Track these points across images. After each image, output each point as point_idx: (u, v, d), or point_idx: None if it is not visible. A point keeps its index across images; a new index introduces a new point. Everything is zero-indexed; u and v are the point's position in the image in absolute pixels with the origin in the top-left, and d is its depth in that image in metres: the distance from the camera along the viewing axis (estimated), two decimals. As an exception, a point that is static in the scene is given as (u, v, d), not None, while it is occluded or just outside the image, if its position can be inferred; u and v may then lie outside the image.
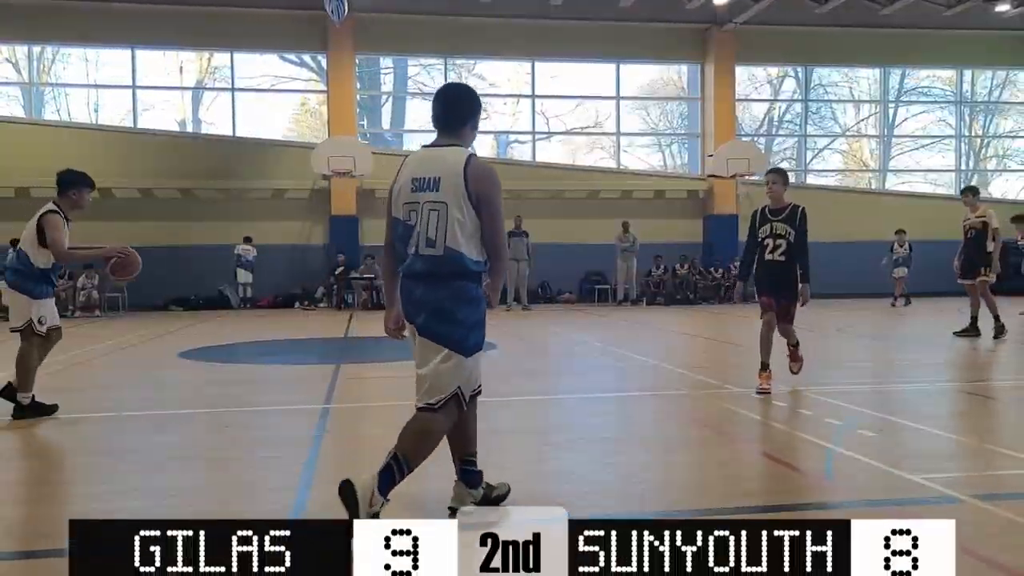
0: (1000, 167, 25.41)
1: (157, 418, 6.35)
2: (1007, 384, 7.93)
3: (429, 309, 3.43)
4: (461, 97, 3.73)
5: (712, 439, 5.50)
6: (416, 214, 3.46)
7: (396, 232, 3.57)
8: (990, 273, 10.98)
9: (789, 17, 22.01)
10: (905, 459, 4.76)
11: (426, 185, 3.45)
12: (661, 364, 9.20)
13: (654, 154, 24.94)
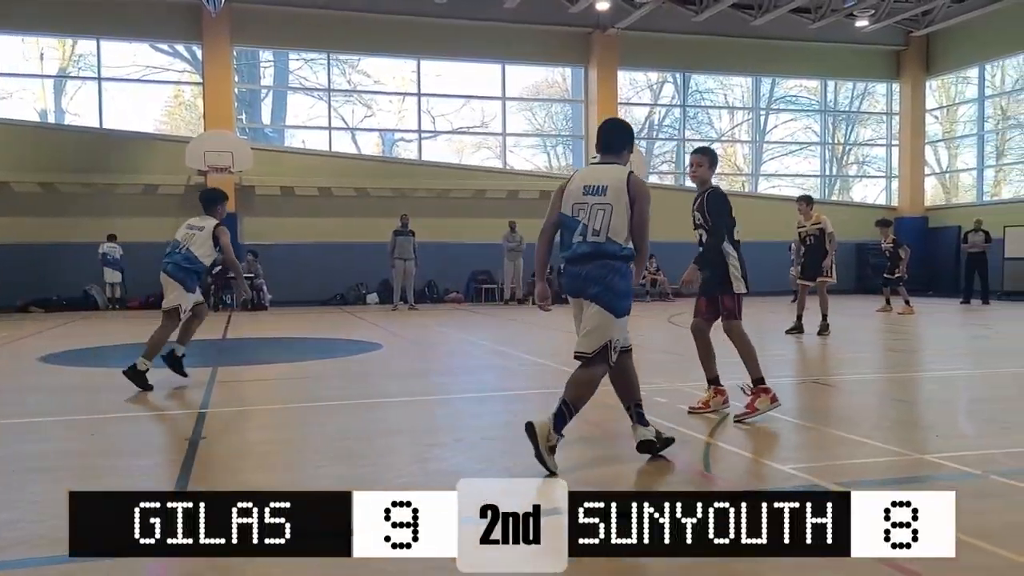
0: (860, 173, 27.04)
1: (16, 427, 5.93)
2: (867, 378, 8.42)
3: (597, 282, 4.40)
4: (622, 129, 4.78)
5: (596, 436, 5.59)
6: (584, 211, 4.45)
7: (562, 223, 4.58)
8: (830, 275, 11.73)
9: (668, 24, 22.73)
10: (776, 450, 4.98)
11: (595, 191, 4.45)
12: (548, 362, 9.29)
13: (540, 155, 25.26)
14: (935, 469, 4.47)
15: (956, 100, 25.69)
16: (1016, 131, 24.05)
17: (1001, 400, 6.90)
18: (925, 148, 25.74)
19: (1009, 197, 23.67)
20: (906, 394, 7.35)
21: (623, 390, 4.80)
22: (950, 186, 26.08)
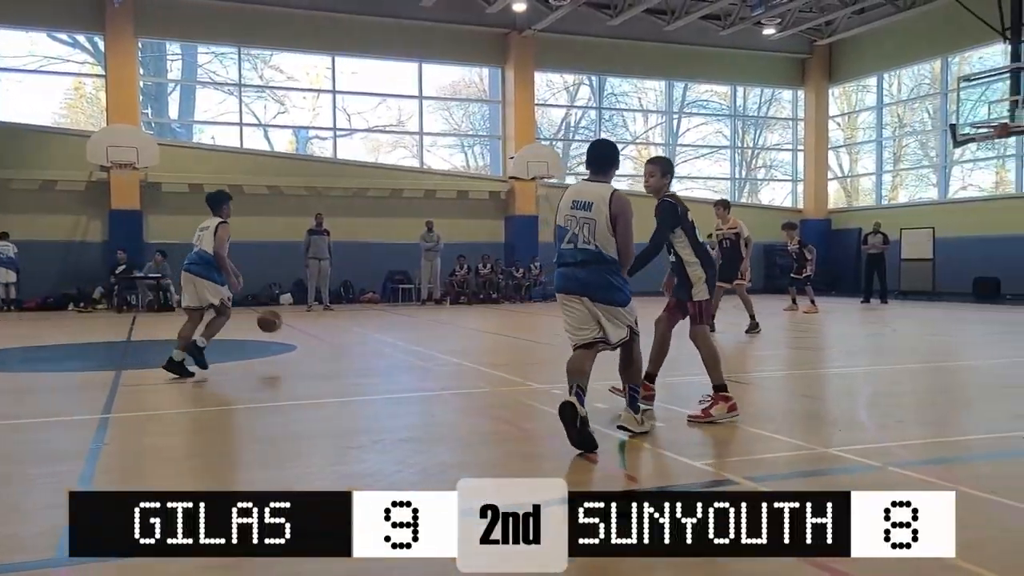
0: (768, 176, 27.94)
1: None
2: (776, 375, 8.70)
3: (597, 287, 5.01)
4: (606, 150, 5.24)
5: (513, 435, 5.60)
6: (573, 223, 5.03)
7: (559, 232, 5.12)
8: (745, 277, 12.13)
9: (584, 27, 22.99)
10: (690, 446, 5.08)
11: (582, 206, 5.01)
12: (464, 363, 9.27)
13: (457, 154, 25.20)
14: (838, 462, 4.63)
15: (856, 107, 26.81)
16: (911, 138, 25.25)
17: (898, 395, 7.22)
18: (828, 153, 26.78)
19: (905, 201, 24.84)
20: (812, 390, 7.61)
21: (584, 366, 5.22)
22: (851, 190, 27.20)
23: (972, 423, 5.97)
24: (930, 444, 5.19)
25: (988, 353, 10.25)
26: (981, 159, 22.96)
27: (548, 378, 8.05)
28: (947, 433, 5.67)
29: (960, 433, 5.65)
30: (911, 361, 9.68)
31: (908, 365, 9.28)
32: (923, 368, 9.13)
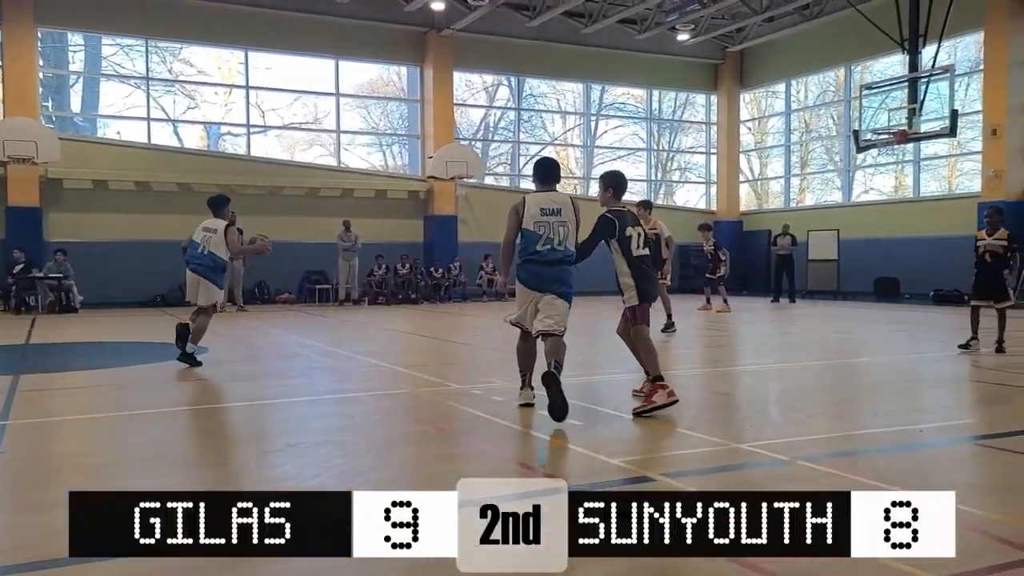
0: (683, 179, 28.57)
1: None
2: (691, 373, 8.89)
3: (561, 283, 5.90)
4: (556, 166, 6.23)
5: (433, 436, 5.57)
6: (546, 227, 5.85)
7: (525, 236, 5.89)
8: (666, 277, 12.38)
9: (502, 28, 23.06)
10: (607, 444, 5.14)
11: (552, 212, 5.87)
12: (382, 364, 9.18)
13: (375, 153, 24.93)
14: (749, 457, 4.76)
15: (766, 113, 27.67)
16: (817, 143, 26.22)
17: (805, 391, 7.48)
18: (740, 156, 27.58)
19: (812, 203, 25.77)
20: (725, 387, 7.81)
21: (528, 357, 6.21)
22: (761, 192, 28.06)
23: (874, 417, 6.22)
24: (836, 438, 5.39)
25: (888, 350, 10.71)
26: (882, 164, 24.01)
27: (466, 378, 8.03)
28: (851, 427, 5.89)
29: (863, 427, 5.88)
30: (818, 358, 10.04)
31: (815, 362, 9.61)
32: (829, 365, 9.48)
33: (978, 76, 20.12)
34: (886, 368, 9.03)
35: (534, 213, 5.86)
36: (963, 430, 5.65)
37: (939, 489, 4.08)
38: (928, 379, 8.21)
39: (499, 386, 7.23)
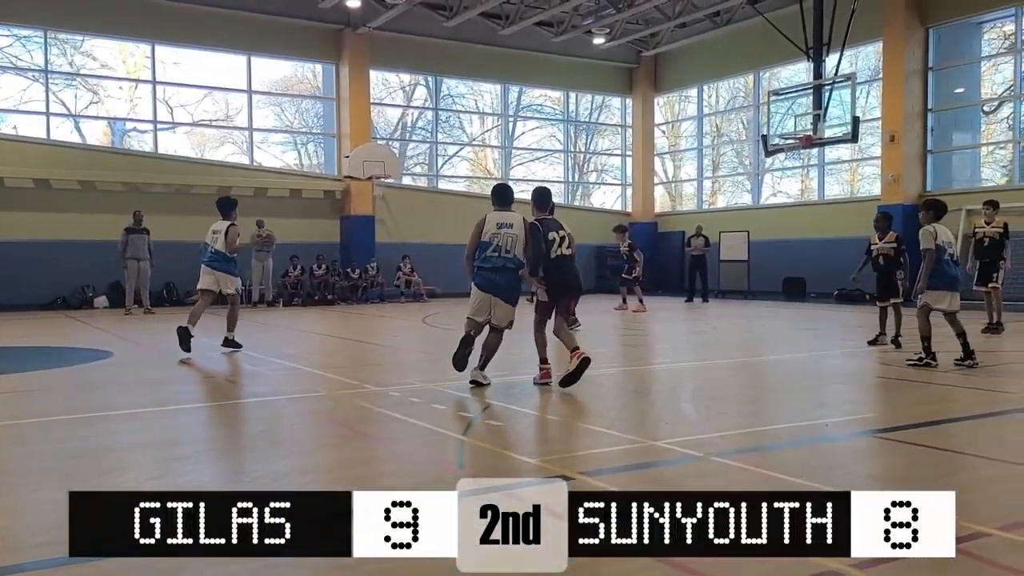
0: (599, 180, 28.98)
1: None
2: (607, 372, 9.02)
3: (506, 289, 7.18)
4: (510, 192, 7.50)
5: (350, 438, 5.49)
6: (498, 238, 7.10)
7: (481, 247, 7.16)
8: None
9: (419, 27, 22.94)
10: (526, 444, 5.16)
11: (506, 226, 7.14)
12: (298, 366, 9.00)
13: (290, 152, 24.45)
14: (665, 454, 4.86)
15: (679, 116, 28.31)
16: (728, 147, 26.97)
17: (717, 388, 7.68)
18: (655, 159, 28.14)
19: (723, 205, 26.49)
20: (640, 385, 7.95)
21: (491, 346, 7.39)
22: (675, 195, 28.70)
23: (782, 413, 6.43)
24: (746, 434, 5.55)
25: (795, 348, 11.09)
26: (789, 168, 24.87)
27: (384, 380, 7.96)
28: (761, 423, 6.08)
29: (772, 423, 6.07)
30: (729, 356, 10.32)
31: (726, 360, 9.88)
32: (739, 363, 9.76)
33: (878, 84, 21.05)
34: (792, 365, 9.35)
35: (491, 227, 7.18)
36: (863, 424, 5.90)
37: (840, 479, 4.26)
38: (831, 375, 8.53)
39: (417, 388, 7.19)
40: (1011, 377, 8.21)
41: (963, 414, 6.24)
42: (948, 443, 5.17)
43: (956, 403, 6.82)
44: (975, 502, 3.86)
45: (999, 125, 20.47)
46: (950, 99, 20.30)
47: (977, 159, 20.65)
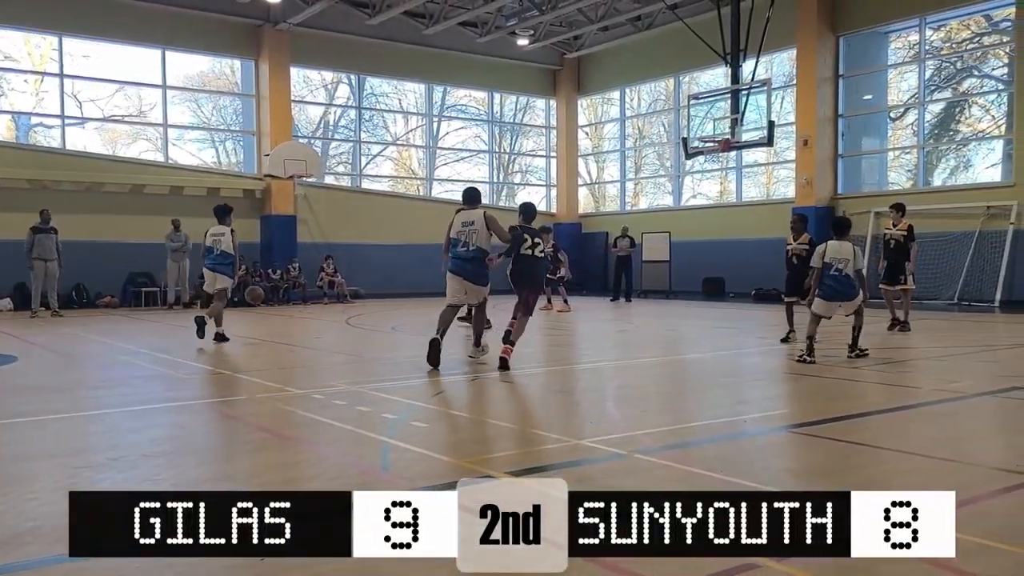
0: (524, 181, 29.10)
1: None
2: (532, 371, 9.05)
3: (474, 273, 8.59)
4: (477, 193, 9.09)
5: (271, 443, 5.37)
6: (464, 234, 8.59)
7: (452, 241, 8.70)
8: None
9: (341, 25, 22.64)
10: (452, 445, 5.14)
11: (469, 224, 8.59)
12: (217, 369, 8.76)
13: (207, 149, 23.80)
14: (590, 453, 4.90)
15: (602, 118, 28.68)
16: (650, 149, 27.44)
17: (640, 386, 7.79)
18: (578, 160, 28.42)
19: (645, 207, 26.95)
20: (565, 385, 8.00)
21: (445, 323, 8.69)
22: (599, 196, 29.05)
23: (703, 410, 6.57)
24: (669, 431, 5.64)
25: (715, 346, 11.35)
26: (708, 170, 25.45)
27: (308, 383, 7.81)
28: (683, 420, 6.19)
29: (694, 420, 6.19)
30: (652, 355, 10.49)
31: (649, 359, 10.04)
32: (662, 361, 9.93)
33: (792, 90, 21.73)
34: (712, 363, 9.56)
35: (457, 225, 8.73)
36: (781, 420, 6.07)
37: (759, 474, 4.37)
38: (750, 372, 8.76)
39: (341, 390, 7.08)
40: (918, 373, 8.57)
41: (874, 409, 6.49)
42: (860, 437, 5.36)
43: (867, 398, 7.08)
44: (886, 493, 4.00)
45: (905, 131, 21.39)
46: (859, 105, 21.12)
47: (884, 163, 21.53)
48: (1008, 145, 18.56)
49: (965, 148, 20.55)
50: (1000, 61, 19.47)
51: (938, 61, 20.34)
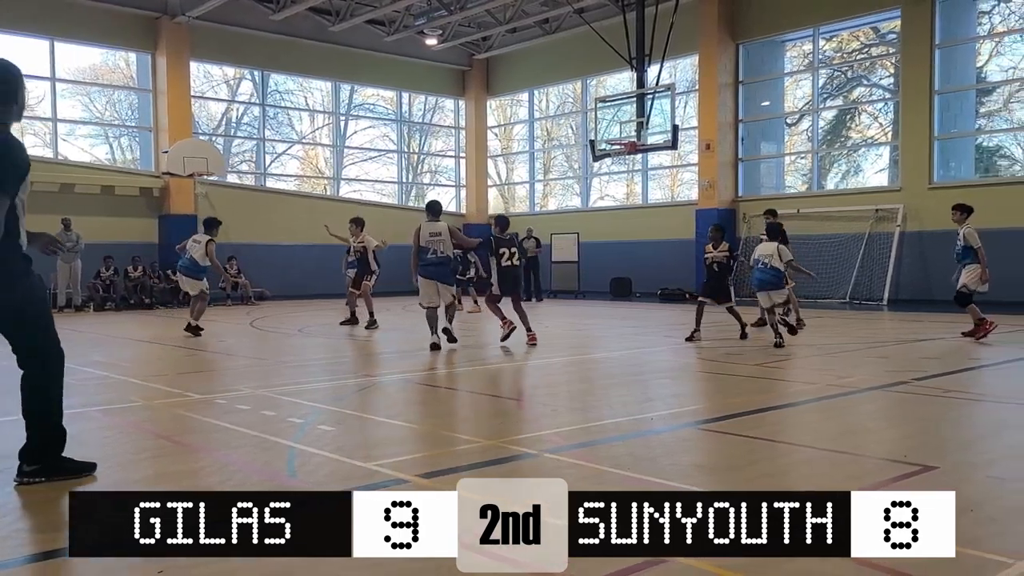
0: (433, 182, 28.97)
1: None
2: (443, 372, 9.01)
3: (444, 276, 10.29)
4: (439, 205, 10.59)
5: (170, 450, 5.16)
6: (433, 243, 10.06)
7: (421, 249, 10.08)
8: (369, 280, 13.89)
9: (244, 19, 22.05)
10: (361, 448, 5.05)
11: (436, 235, 10.12)
12: (112, 375, 8.38)
13: (100, 146, 22.78)
14: (501, 453, 4.89)
15: (511, 120, 28.82)
16: (558, 151, 27.72)
17: (551, 386, 7.84)
18: (488, 161, 28.47)
19: (554, 208, 27.21)
20: (476, 386, 7.99)
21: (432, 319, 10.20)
22: (508, 196, 29.18)
23: (611, 408, 6.66)
24: (578, 430, 5.69)
25: (622, 345, 11.55)
26: (615, 172, 25.90)
27: (210, 388, 7.56)
28: (592, 419, 6.25)
29: (602, 418, 6.27)
30: (562, 354, 10.58)
31: (559, 358, 10.13)
32: (572, 360, 10.03)
33: (695, 95, 22.33)
34: (620, 361, 9.72)
35: (425, 235, 10.07)
36: (687, 416, 6.21)
37: (667, 470, 4.46)
38: (657, 370, 8.94)
39: (245, 394, 6.88)
40: (814, 369, 8.92)
41: (773, 404, 6.71)
42: (761, 432, 5.53)
43: (767, 394, 7.32)
44: (787, 486, 4.15)
45: (800, 136, 22.28)
46: (758, 111, 21.87)
47: (782, 167, 22.37)
48: (895, 151, 19.56)
49: (855, 154, 21.57)
50: (887, 71, 20.50)
51: (830, 70, 21.26)
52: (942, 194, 17.54)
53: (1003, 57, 18.91)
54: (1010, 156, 19.32)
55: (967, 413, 6.40)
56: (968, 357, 9.44)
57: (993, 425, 5.80)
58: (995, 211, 16.46)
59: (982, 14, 18.85)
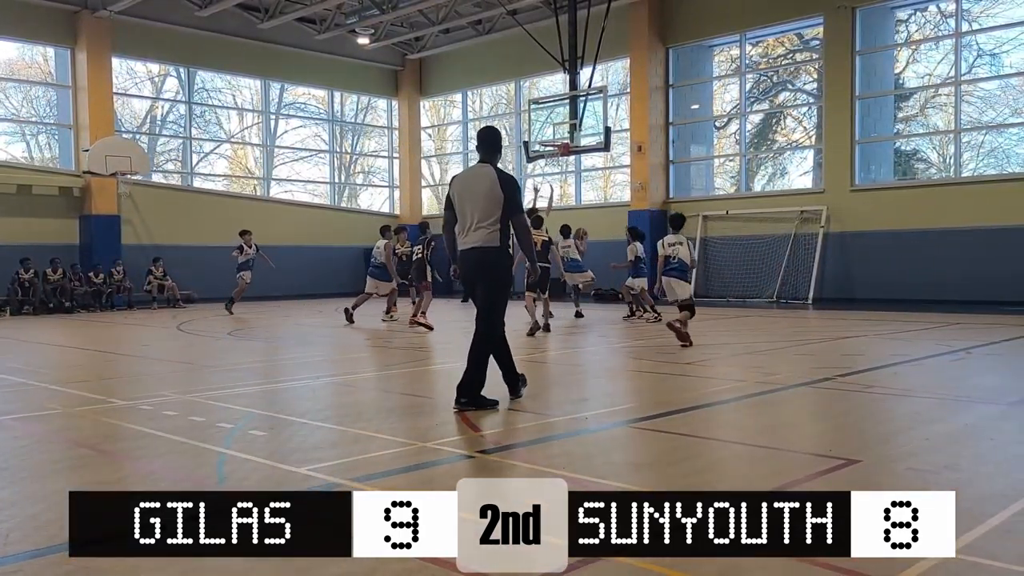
0: (367, 182, 28.68)
1: None
2: (379, 374, 8.92)
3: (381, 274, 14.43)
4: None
5: (91, 459, 4.98)
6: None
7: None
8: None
9: (169, 15, 21.48)
10: (293, 453, 4.96)
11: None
12: (29, 382, 8.06)
13: (16, 143, 21.88)
14: (436, 455, 4.87)
15: (445, 120, 28.72)
16: (492, 152, 27.71)
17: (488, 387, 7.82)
18: (422, 162, 28.32)
19: (488, 209, 27.17)
20: (409, 387, 7.93)
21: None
22: (442, 197, 29.06)
23: (547, 408, 6.69)
24: (513, 430, 5.70)
25: (558, 344, 11.62)
26: (549, 174, 26.01)
27: (134, 394, 7.34)
28: (528, 420, 6.26)
29: (542, 418, 6.29)
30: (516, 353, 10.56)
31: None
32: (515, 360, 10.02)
33: (626, 98, 22.62)
34: (556, 361, 9.77)
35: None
36: (621, 415, 6.28)
37: (601, 468, 4.50)
38: (591, 370, 9.02)
39: (172, 400, 6.69)
40: (742, 367, 9.12)
41: (703, 402, 6.84)
42: (691, 429, 5.63)
43: (697, 391, 7.46)
44: (717, 481, 4.23)
45: (729, 139, 22.77)
46: (688, 114, 22.27)
47: (711, 170, 22.82)
48: (818, 154, 20.14)
49: (781, 156, 22.15)
50: (811, 76, 21.11)
51: (757, 75, 21.79)
52: (863, 196, 18.17)
53: (919, 64, 19.68)
54: (926, 159, 20.11)
55: (888, 407, 6.63)
56: (890, 353, 9.78)
57: (912, 419, 6.02)
58: (912, 213, 17.15)
59: (900, 22, 19.58)
